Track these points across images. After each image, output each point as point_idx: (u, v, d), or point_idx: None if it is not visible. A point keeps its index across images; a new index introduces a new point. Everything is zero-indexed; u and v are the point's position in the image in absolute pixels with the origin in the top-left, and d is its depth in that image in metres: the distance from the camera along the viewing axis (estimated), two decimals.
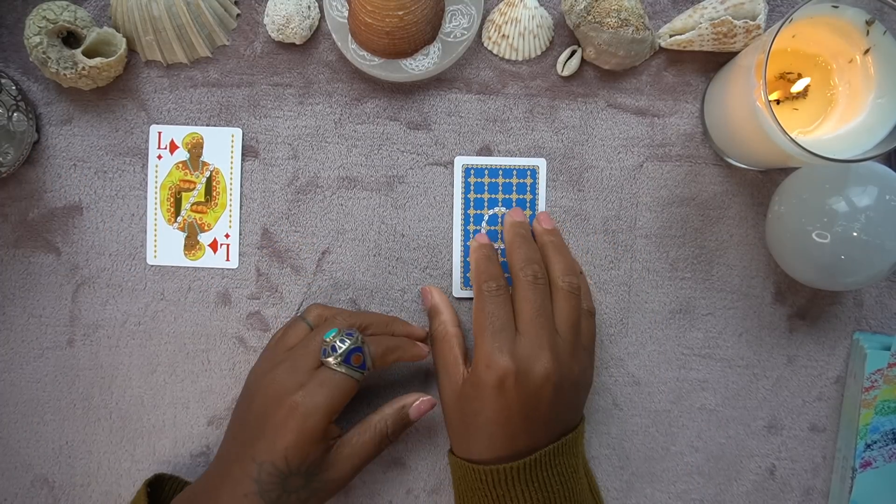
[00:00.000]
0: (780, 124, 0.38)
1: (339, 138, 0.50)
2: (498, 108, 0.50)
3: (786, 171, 0.49)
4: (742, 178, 0.50)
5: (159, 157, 0.49)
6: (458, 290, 0.50)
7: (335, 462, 0.43)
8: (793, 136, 0.38)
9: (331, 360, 0.42)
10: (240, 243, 0.50)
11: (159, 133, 0.49)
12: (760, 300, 0.50)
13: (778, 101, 0.45)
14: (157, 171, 0.49)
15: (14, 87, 0.47)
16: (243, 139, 0.50)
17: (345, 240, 0.50)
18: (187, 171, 0.49)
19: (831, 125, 0.44)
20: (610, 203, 0.50)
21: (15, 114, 0.47)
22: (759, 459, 0.51)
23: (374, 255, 0.50)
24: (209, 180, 0.50)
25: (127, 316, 0.50)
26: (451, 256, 0.50)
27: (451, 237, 0.50)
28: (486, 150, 0.50)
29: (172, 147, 0.49)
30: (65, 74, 0.46)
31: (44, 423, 0.50)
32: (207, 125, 0.50)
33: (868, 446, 0.48)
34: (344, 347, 0.42)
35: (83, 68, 0.46)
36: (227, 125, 0.50)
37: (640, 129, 0.50)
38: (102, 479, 0.50)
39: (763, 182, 0.50)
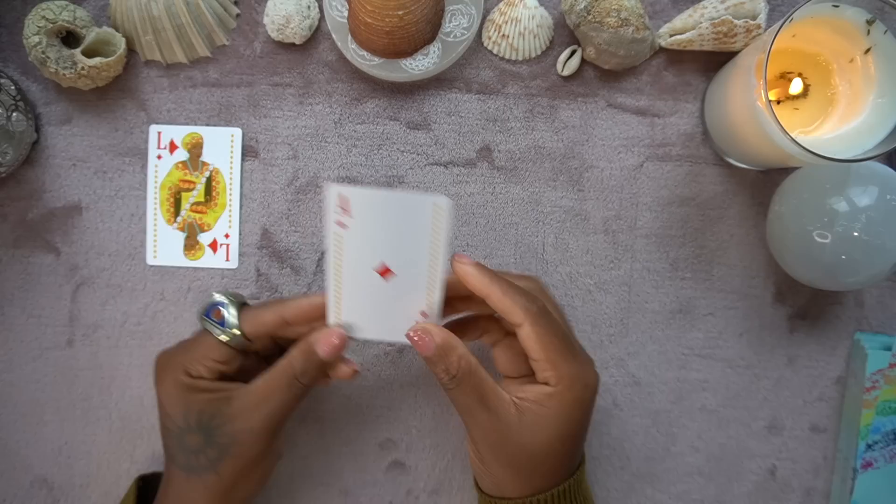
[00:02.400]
0: (780, 124, 0.38)
1: (339, 138, 0.50)
2: (498, 108, 0.50)
3: (786, 171, 0.49)
4: (742, 178, 0.50)
5: (159, 157, 0.49)
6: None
7: (240, 412, 0.40)
8: (793, 135, 0.38)
9: (198, 315, 0.42)
10: (240, 243, 0.50)
11: (159, 133, 0.49)
12: (761, 300, 0.50)
13: (778, 101, 0.45)
14: (156, 172, 0.49)
15: (13, 87, 0.47)
16: (243, 139, 0.50)
17: None
18: (187, 171, 0.49)
19: (832, 125, 0.44)
20: (610, 203, 0.50)
21: (14, 114, 0.47)
22: (759, 460, 0.51)
23: None
24: (209, 180, 0.50)
25: (127, 316, 0.50)
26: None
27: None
28: (486, 150, 0.50)
29: (172, 147, 0.49)
30: (64, 74, 0.46)
31: (43, 423, 0.50)
32: (207, 125, 0.50)
33: (869, 447, 0.48)
34: (208, 302, 0.42)
35: (82, 68, 0.46)
36: (227, 125, 0.50)
37: (641, 129, 0.50)
38: (102, 479, 0.50)
39: (763, 182, 0.50)
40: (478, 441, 0.40)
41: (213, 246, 0.50)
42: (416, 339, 0.39)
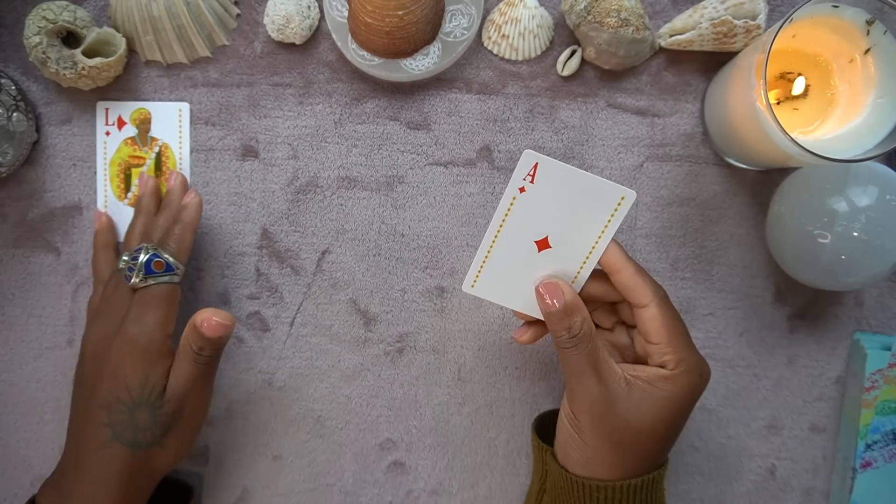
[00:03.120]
0: (780, 124, 0.38)
1: (339, 138, 0.50)
2: (498, 108, 0.50)
3: (786, 171, 0.49)
4: (742, 178, 0.50)
5: (107, 133, 0.49)
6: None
7: (171, 389, 0.42)
8: (793, 136, 0.38)
9: (136, 280, 0.42)
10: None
11: (106, 109, 0.49)
12: (761, 300, 0.50)
13: (778, 101, 0.45)
14: (105, 148, 0.49)
15: (14, 87, 0.47)
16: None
17: (345, 240, 0.50)
18: (136, 146, 0.50)
19: (831, 125, 0.44)
20: None
21: (14, 114, 0.47)
22: (759, 459, 0.51)
23: (374, 255, 0.50)
24: (158, 155, 0.50)
25: None
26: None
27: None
28: (485, 150, 0.50)
29: (120, 123, 0.49)
30: (64, 74, 0.46)
31: (44, 423, 0.50)
32: (207, 125, 0.50)
33: (868, 446, 0.48)
34: (139, 261, 0.42)
35: (83, 68, 0.46)
36: (227, 125, 0.50)
37: (640, 129, 0.50)
38: None
39: (763, 182, 0.50)
40: (581, 407, 0.40)
41: None
42: (544, 292, 0.40)
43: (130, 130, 0.50)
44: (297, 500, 0.50)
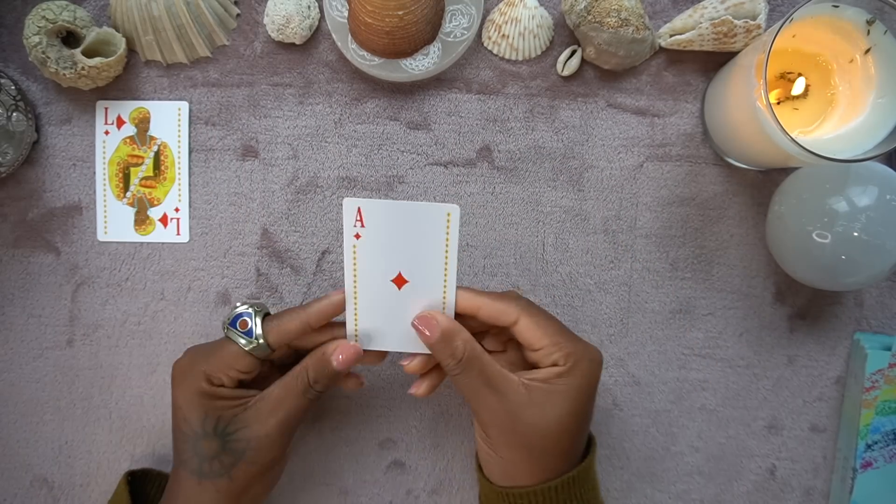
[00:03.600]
0: (780, 124, 0.38)
1: (339, 138, 0.50)
2: (498, 108, 0.50)
3: (786, 171, 0.49)
4: (742, 178, 0.50)
5: (106, 132, 0.49)
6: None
7: (255, 418, 0.41)
8: (793, 136, 0.38)
9: (223, 325, 0.43)
10: (190, 216, 0.50)
11: (106, 108, 0.49)
12: (761, 300, 0.50)
13: (778, 101, 0.45)
14: (104, 147, 0.49)
15: (13, 87, 0.47)
16: (242, 138, 0.50)
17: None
18: (135, 146, 0.50)
19: (831, 125, 0.44)
20: (610, 203, 0.50)
21: (14, 114, 0.47)
22: (759, 460, 0.51)
23: None
24: (157, 154, 0.50)
25: (127, 316, 0.50)
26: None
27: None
28: (485, 150, 0.50)
29: (119, 122, 0.49)
30: (64, 74, 0.46)
31: (44, 423, 0.50)
32: (207, 124, 0.50)
33: (869, 447, 0.48)
34: (233, 313, 0.42)
35: (82, 68, 0.46)
36: (227, 125, 0.50)
37: (640, 129, 0.50)
38: (102, 479, 0.50)
39: (763, 182, 0.50)
40: (487, 424, 0.41)
41: (164, 220, 0.50)
42: (420, 326, 0.41)
43: (129, 129, 0.50)
44: (297, 500, 0.50)
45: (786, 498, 0.51)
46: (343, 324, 0.43)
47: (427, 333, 0.41)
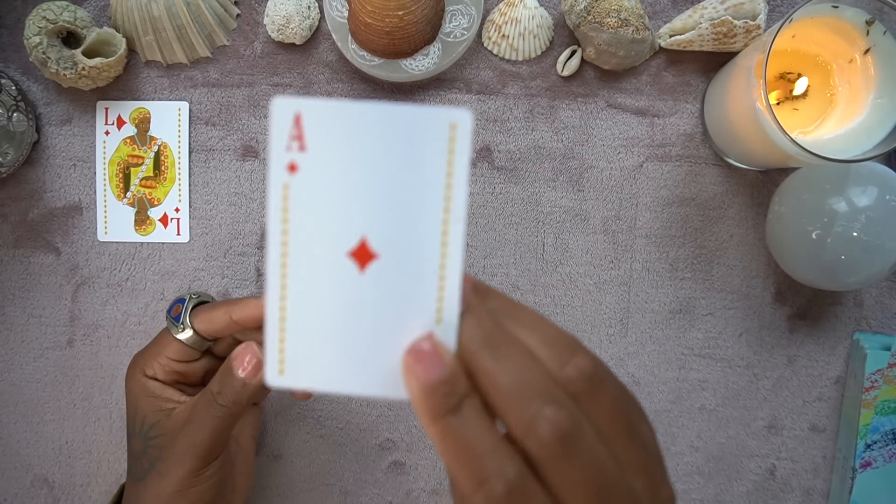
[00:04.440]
0: (780, 124, 0.38)
1: None
2: (498, 108, 0.50)
3: (786, 171, 0.49)
4: (742, 178, 0.50)
5: (107, 132, 0.49)
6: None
7: (171, 428, 0.38)
8: (793, 136, 0.38)
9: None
10: (190, 217, 0.50)
11: (106, 109, 0.49)
12: (761, 300, 0.50)
13: (778, 102, 0.45)
14: (105, 147, 0.49)
15: (14, 88, 0.47)
16: (242, 138, 0.50)
17: None
18: (135, 146, 0.50)
19: (831, 125, 0.44)
20: (610, 203, 0.50)
21: (15, 114, 0.47)
22: (759, 459, 0.51)
23: None
24: (157, 155, 0.50)
25: (127, 315, 0.50)
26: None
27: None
28: (485, 150, 0.50)
29: (120, 122, 0.49)
30: (65, 74, 0.46)
31: (44, 423, 0.50)
32: (207, 125, 0.50)
33: (868, 446, 0.48)
34: (173, 299, 0.41)
35: (83, 68, 0.46)
36: (227, 125, 0.50)
37: (640, 129, 0.50)
38: (102, 479, 0.50)
39: (763, 182, 0.50)
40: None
41: (164, 220, 0.50)
42: (415, 363, 0.24)
43: (129, 130, 0.50)
44: (297, 500, 0.50)
45: (785, 498, 0.51)
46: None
47: (426, 372, 0.23)
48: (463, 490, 0.23)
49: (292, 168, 0.23)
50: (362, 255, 0.24)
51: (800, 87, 0.44)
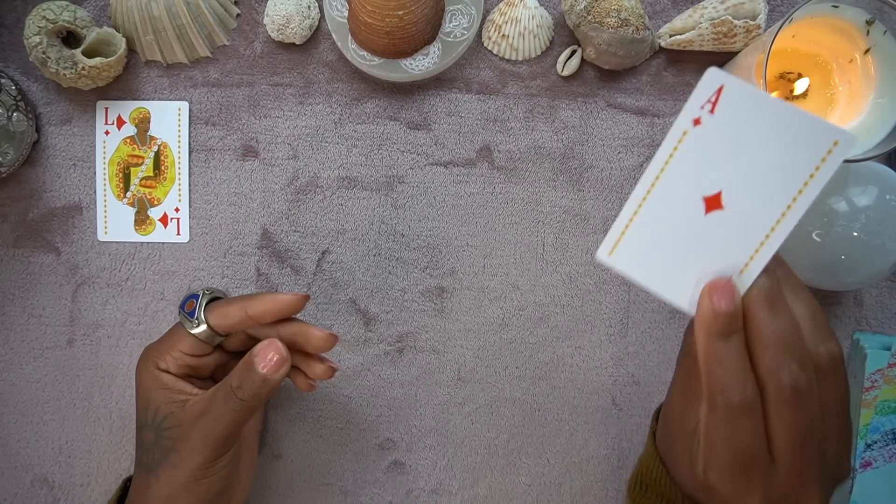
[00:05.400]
0: None
1: (339, 138, 0.50)
2: (498, 108, 0.50)
3: None
4: None
5: (107, 132, 0.49)
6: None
7: (186, 419, 0.39)
8: None
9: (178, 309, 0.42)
10: (190, 216, 0.50)
11: (106, 109, 0.50)
12: None
13: None
14: (105, 147, 0.49)
15: (14, 87, 0.47)
16: (242, 138, 0.50)
17: (345, 240, 0.50)
18: (135, 146, 0.50)
19: None
20: (610, 203, 0.50)
21: (15, 114, 0.47)
22: None
23: (374, 255, 0.50)
24: (157, 154, 0.50)
25: (127, 316, 0.50)
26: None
27: None
28: (485, 150, 0.50)
29: (120, 122, 0.49)
30: (64, 74, 0.46)
31: (44, 423, 0.50)
32: (207, 125, 0.50)
33: (868, 446, 0.48)
34: (185, 294, 0.42)
35: (83, 68, 0.46)
36: (227, 125, 0.50)
37: (640, 129, 0.50)
38: (102, 479, 0.50)
39: None
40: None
41: (164, 220, 0.50)
42: (712, 293, 0.30)
43: (129, 129, 0.50)
44: (297, 500, 0.50)
45: None
46: (302, 323, 0.42)
47: (717, 303, 0.30)
48: (711, 389, 0.30)
49: (696, 122, 0.30)
50: (713, 203, 0.31)
51: (800, 87, 0.44)
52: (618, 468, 0.51)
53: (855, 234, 0.42)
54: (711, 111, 0.30)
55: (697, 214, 0.31)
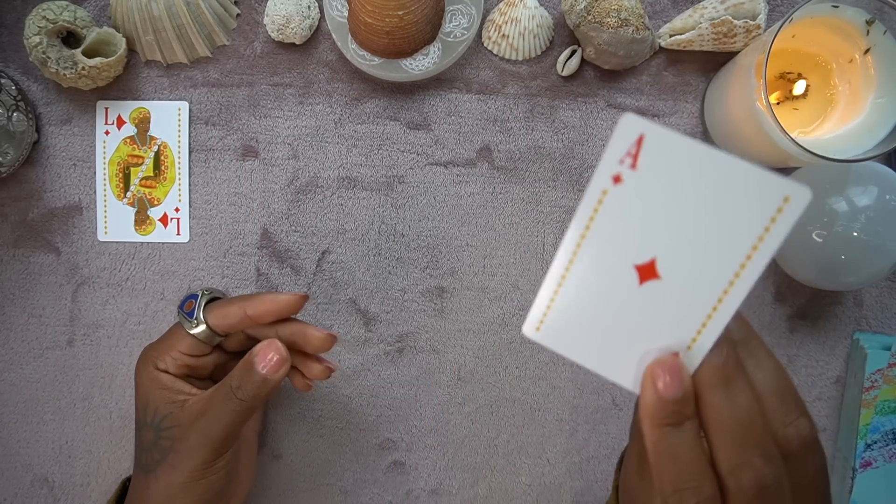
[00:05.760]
0: (780, 124, 0.38)
1: (339, 138, 0.50)
2: (498, 108, 0.50)
3: (786, 171, 0.49)
4: None
5: (107, 132, 0.49)
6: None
7: (184, 420, 0.39)
8: (793, 136, 0.38)
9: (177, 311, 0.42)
10: (190, 216, 0.50)
11: (106, 109, 0.50)
12: (760, 300, 0.50)
13: (778, 102, 0.45)
14: (105, 147, 0.49)
15: (14, 87, 0.47)
16: (242, 138, 0.50)
17: (345, 240, 0.50)
18: (135, 146, 0.50)
19: (831, 125, 0.44)
20: None
21: (15, 114, 0.47)
22: None
23: (374, 255, 0.50)
24: (157, 154, 0.50)
25: (127, 315, 0.50)
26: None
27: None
28: (485, 150, 0.50)
29: (120, 122, 0.49)
30: (64, 74, 0.46)
31: (44, 423, 0.50)
32: (207, 124, 0.50)
33: (868, 446, 0.48)
34: (185, 295, 0.42)
35: (83, 68, 0.46)
36: (227, 125, 0.50)
37: None
38: (102, 479, 0.50)
39: None
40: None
41: (164, 220, 0.50)
42: (659, 372, 0.27)
43: (129, 129, 0.50)
44: (297, 500, 0.50)
45: None
46: (301, 323, 0.42)
47: (662, 385, 0.26)
48: (663, 489, 0.27)
49: (616, 179, 0.26)
50: (646, 272, 0.27)
51: (798, 88, 0.44)
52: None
53: (855, 234, 0.42)
54: (633, 166, 0.25)
55: (630, 285, 0.27)
